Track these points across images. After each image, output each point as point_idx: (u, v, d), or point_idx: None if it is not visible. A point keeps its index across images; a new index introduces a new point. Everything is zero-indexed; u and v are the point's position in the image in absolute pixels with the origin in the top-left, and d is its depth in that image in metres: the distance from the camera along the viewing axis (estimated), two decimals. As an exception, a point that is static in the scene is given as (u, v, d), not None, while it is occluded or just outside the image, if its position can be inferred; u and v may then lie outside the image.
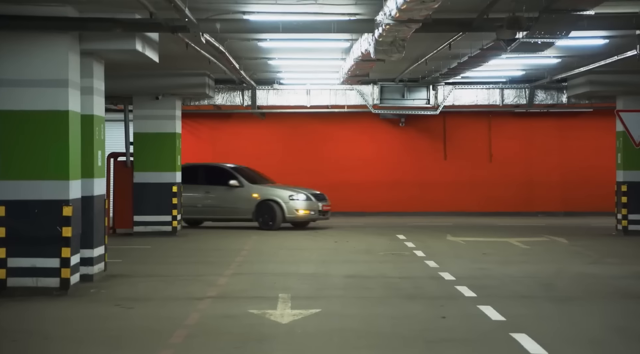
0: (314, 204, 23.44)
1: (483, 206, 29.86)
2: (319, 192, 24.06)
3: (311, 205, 23.39)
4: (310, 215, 23.47)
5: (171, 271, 15.36)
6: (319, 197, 23.79)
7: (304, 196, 23.39)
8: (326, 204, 23.84)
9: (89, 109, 14.01)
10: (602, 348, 9.20)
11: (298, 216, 23.33)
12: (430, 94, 25.10)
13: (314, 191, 23.97)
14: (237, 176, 23.98)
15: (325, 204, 23.77)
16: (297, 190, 23.71)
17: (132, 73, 20.89)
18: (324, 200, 23.89)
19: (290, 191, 23.53)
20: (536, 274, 14.91)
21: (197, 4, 12.45)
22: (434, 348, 9.20)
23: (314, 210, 23.39)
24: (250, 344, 9.36)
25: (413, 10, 10.42)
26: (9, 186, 12.73)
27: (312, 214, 23.47)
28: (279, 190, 23.60)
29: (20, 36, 12.62)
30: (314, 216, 23.54)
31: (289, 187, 24.14)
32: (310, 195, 23.46)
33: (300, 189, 23.87)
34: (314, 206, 23.42)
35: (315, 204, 23.44)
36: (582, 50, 18.36)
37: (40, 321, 10.87)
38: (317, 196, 23.74)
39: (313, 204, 23.43)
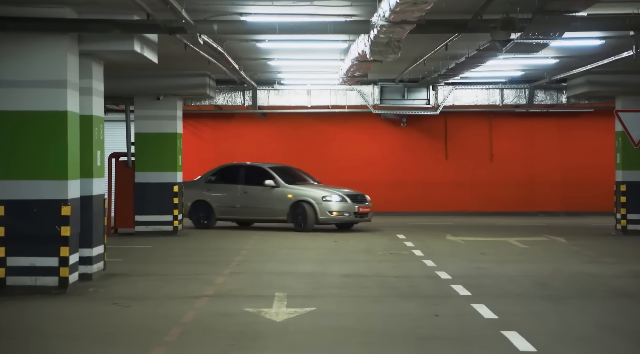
0: (348, 205, 22.65)
1: (484, 205, 29.94)
2: (358, 193, 23.37)
3: (345, 207, 22.63)
4: (343, 217, 22.72)
5: (170, 270, 15.48)
6: (357, 198, 23.02)
7: (338, 197, 22.65)
8: (364, 205, 23.04)
9: (88, 109, 14.15)
10: (591, 346, 9.30)
11: (331, 217, 22.63)
12: (430, 95, 25.22)
13: (354, 192, 23.32)
14: (274, 175, 23.44)
15: (363, 205, 22.97)
16: (333, 191, 23.06)
17: (133, 73, 21.03)
18: (363, 201, 23.11)
19: (326, 191, 22.92)
20: (532, 273, 15.01)
21: (194, 6, 12.58)
22: (424, 346, 9.32)
23: (349, 212, 22.64)
24: (243, 341, 9.49)
25: (406, 12, 10.53)
26: (8, 186, 12.88)
27: (346, 216, 22.70)
28: (314, 190, 22.99)
29: (20, 37, 12.76)
30: (349, 218, 22.79)
31: (329, 187, 23.56)
32: (346, 196, 22.73)
33: (339, 190, 23.22)
34: (348, 207, 22.64)
35: (349, 206, 22.65)
36: (580, 51, 18.46)
37: (38, 319, 11.00)
38: (354, 197, 22.98)
39: (347, 206, 22.65)
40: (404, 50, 17.56)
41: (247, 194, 23.67)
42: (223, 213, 24.01)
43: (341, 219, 22.74)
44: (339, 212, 22.52)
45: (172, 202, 22.28)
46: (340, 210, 22.51)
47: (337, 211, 22.50)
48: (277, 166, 24.49)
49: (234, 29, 13.62)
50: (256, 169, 24.27)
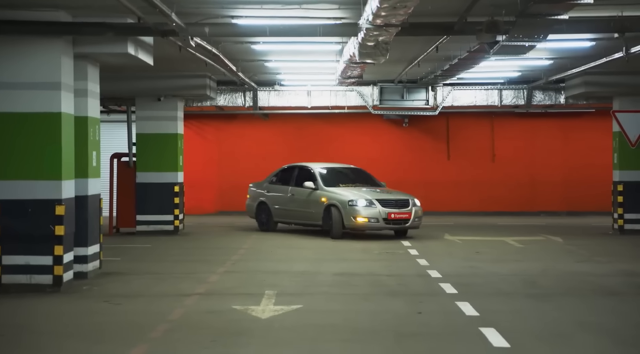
0: (374, 211, 20.63)
1: (486, 205, 30.09)
2: (400, 198, 21.28)
3: (371, 212, 20.63)
4: (369, 223, 20.73)
5: (166, 269, 15.72)
6: (391, 203, 20.93)
7: (364, 202, 20.67)
8: (401, 211, 20.92)
9: (84, 110, 14.39)
10: (565, 342, 9.51)
11: (356, 224, 20.75)
12: (430, 95, 25.43)
13: (396, 197, 21.27)
14: (316, 177, 21.99)
15: (398, 211, 20.87)
16: (366, 194, 21.17)
17: (134, 75, 21.30)
18: (401, 206, 21.01)
19: (360, 194, 21.09)
20: (522, 272, 15.20)
21: (186, 9, 12.82)
22: (402, 341, 9.54)
23: (375, 218, 20.60)
24: (226, 337, 9.73)
25: (388, 15, 10.75)
26: (3, 186, 13.15)
27: (371, 223, 20.68)
28: (346, 194, 21.15)
29: (14, 40, 13.02)
30: (375, 224, 20.76)
31: (372, 190, 21.67)
32: (375, 200, 20.72)
33: (381, 194, 21.35)
34: (374, 213, 20.62)
35: (376, 212, 20.61)
36: (572, 52, 18.63)
37: (30, 316, 11.25)
38: (390, 202, 20.92)
39: (373, 211, 20.62)
40: (399, 52, 17.93)
41: (294, 197, 22.55)
42: (278, 216, 23.11)
43: (365, 226, 20.81)
44: (365, 218, 20.60)
45: (172, 202, 22.54)
46: (366, 216, 20.60)
47: (362, 216, 20.61)
48: (333, 167, 23.15)
49: (225, 32, 13.85)
50: (304, 169, 22.97)
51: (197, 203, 29.62)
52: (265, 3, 12.74)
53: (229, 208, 30.03)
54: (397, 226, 21.13)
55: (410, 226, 21.26)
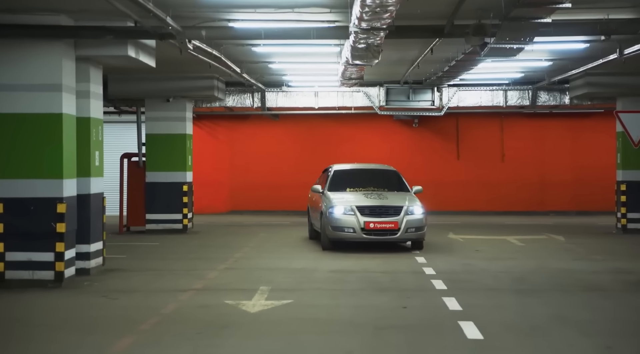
0: (350, 219, 18.09)
1: (495, 205, 30.33)
2: (379, 205, 18.41)
3: (347, 221, 18.10)
4: (345, 234, 18.17)
5: (168, 266, 16.12)
6: (372, 210, 18.24)
7: (341, 209, 18.18)
8: (379, 220, 18.11)
9: (86, 111, 14.82)
10: (536, 334, 9.84)
11: (332, 233, 18.37)
12: (435, 96, 25.73)
13: (382, 203, 18.50)
14: (328, 179, 19.92)
15: (376, 220, 18.10)
16: (355, 199, 18.61)
17: (143, 76, 21.74)
18: (382, 214, 18.22)
19: (344, 200, 18.57)
20: (515, 269, 15.50)
21: (183, 13, 13.23)
22: (379, 334, 9.90)
23: (351, 227, 18.06)
24: (211, 330, 10.12)
25: (372, 19, 11.11)
26: (6, 185, 13.61)
27: (347, 233, 18.12)
28: (335, 199, 18.68)
29: (17, 44, 13.47)
30: (351, 235, 18.12)
31: (373, 196, 18.91)
32: (355, 207, 18.15)
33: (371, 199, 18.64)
34: (350, 222, 18.07)
35: (352, 220, 18.07)
36: (570, 54, 18.89)
37: (28, 310, 11.69)
38: (367, 209, 18.23)
39: (349, 220, 18.09)
40: (399, 54, 18.28)
41: (312, 200, 20.85)
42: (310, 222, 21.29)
43: (344, 236, 18.24)
44: (342, 227, 18.15)
45: (181, 201, 22.98)
46: (342, 225, 18.14)
47: (338, 225, 18.18)
48: (356, 168, 20.82)
49: (222, 35, 14.24)
50: (327, 171, 21.14)
51: (209, 202, 30.06)
52: (258, 7, 13.12)
53: (241, 207, 30.44)
54: (380, 238, 18.15)
55: (400, 239, 18.27)
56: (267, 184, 30.11)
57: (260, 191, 30.21)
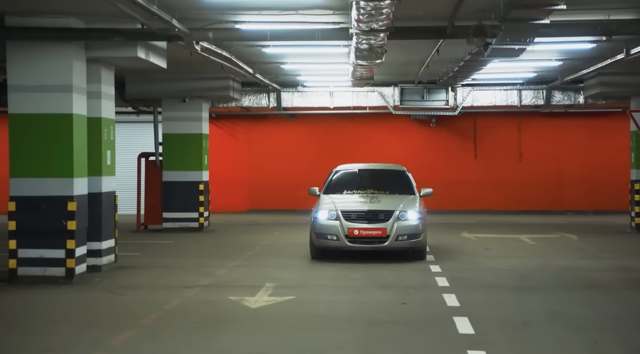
0: (334, 225, 16.40)
1: (513, 204, 30.40)
2: (366, 209, 16.58)
3: (330, 227, 16.43)
4: (328, 241, 16.52)
5: (179, 263, 16.41)
6: (359, 215, 16.50)
7: (326, 214, 16.55)
8: (366, 226, 16.38)
9: (97, 112, 15.15)
10: (524, 329, 10.06)
11: (315, 241, 16.82)
12: (450, 96, 25.90)
13: (372, 208, 16.64)
14: (326, 181, 18.31)
15: (361, 226, 16.37)
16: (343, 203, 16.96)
17: (160, 77, 22.07)
18: (369, 220, 16.44)
19: (330, 204, 16.82)
20: (520, 267, 15.66)
21: (189, 15, 13.48)
22: (372, 328, 10.13)
23: (335, 234, 16.38)
24: (210, 324, 10.39)
25: (369, 21, 11.32)
26: (19, 183, 13.97)
27: (331, 240, 16.46)
28: (325, 202, 17.03)
29: (29, 46, 13.82)
30: (335, 243, 16.44)
31: (367, 198, 17.15)
32: (340, 212, 16.46)
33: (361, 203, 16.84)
34: (333, 228, 16.38)
35: (335, 226, 16.38)
36: (578, 54, 18.99)
37: (34, 305, 12.01)
38: (353, 215, 16.51)
39: (333, 226, 16.40)
40: (408, 54, 18.46)
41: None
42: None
43: (328, 244, 16.59)
44: (325, 234, 16.52)
45: (197, 200, 23.30)
46: (325, 231, 16.50)
47: (321, 232, 16.59)
48: (361, 168, 18.97)
49: (229, 37, 14.51)
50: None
51: (228, 201, 30.36)
52: (263, 9, 13.36)
53: (259, 206, 30.70)
54: (366, 247, 16.40)
55: (389, 248, 16.41)
56: (285, 183, 30.34)
57: (278, 190, 30.47)
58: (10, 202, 13.94)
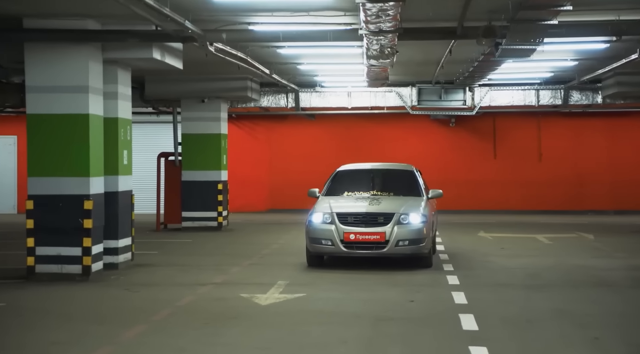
0: (328, 229, 15.24)
1: (533, 204, 30.42)
2: (364, 212, 15.33)
3: (325, 231, 15.27)
4: (322, 247, 15.38)
5: (194, 262, 16.63)
6: (355, 218, 15.27)
7: (320, 217, 15.41)
8: (363, 231, 15.14)
9: (114, 112, 15.39)
10: (527, 326, 10.18)
11: (310, 246, 15.67)
12: (467, 96, 26.01)
13: (370, 210, 15.41)
14: (326, 183, 17.31)
15: (358, 230, 15.13)
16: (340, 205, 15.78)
17: (179, 77, 22.32)
18: (367, 223, 15.21)
19: (325, 206, 15.73)
20: (532, 266, 15.77)
21: (202, 17, 13.68)
22: (377, 324, 10.30)
23: (329, 239, 15.20)
24: (219, 320, 10.59)
25: (377, 22, 11.48)
26: (36, 182, 14.24)
27: (325, 246, 15.30)
28: (321, 205, 15.94)
29: (46, 47, 14.08)
30: (329, 248, 15.29)
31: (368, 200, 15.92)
32: (335, 214, 15.32)
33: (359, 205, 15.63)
34: (328, 232, 15.23)
35: (330, 231, 15.23)
36: (593, 54, 19.06)
37: (51, 301, 12.25)
38: (349, 217, 15.29)
39: (327, 230, 15.24)
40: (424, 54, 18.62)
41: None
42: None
43: (323, 250, 15.50)
44: (319, 239, 15.39)
45: (216, 200, 23.56)
46: (319, 236, 15.38)
47: (315, 237, 15.46)
48: (365, 169, 17.72)
49: (242, 38, 14.72)
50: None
51: (249, 201, 30.60)
52: (275, 10, 13.55)
53: (279, 206, 30.90)
54: (363, 253, 15.20)
55: (388, 254, 15.17)
56: (305, 183, 30.26)
57: (298, 189, 30.51)
58: (28, 200, 14.22)
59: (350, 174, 17.43)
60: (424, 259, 15.58)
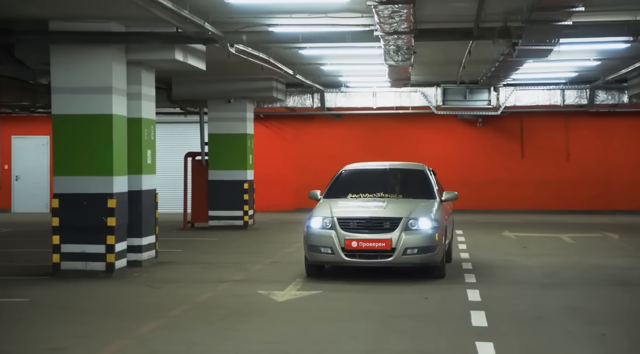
0: (328, 236, 13.88)
1: (561, 204, 30.38)
2: (368, 217, 13.98)
3: (324, 238, 13.92)
4: (322, 255, 13.98)
5: (217, 259, 16.92)
6: (359, 224, 13.88)
7: (320, 222, 14.12)
8: (367, 237, 13.69)
9: (138, 112, 15.70)
10: (537, 322, 10.32)
11: (309, 254, 14.29)
12: (492, 96, 26.10)
13: (375, 215, 14.07)
14: (329, 185, 15.86)
15: (361, 237, 13.69)
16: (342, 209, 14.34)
17: (205, 78, 22.60)
18: (371, 229, 13.78)
19: (325, 210, 14.36)
20: (551, 264, 15.88)
21: (222, 19, 13.93)
22: (388, 321, 10.50)
23: (329, 247, 13.83)
24: (234, 316, 10.84)
25: (391, 24, 11.67)
26: (62, 181, 14.58)
27: (325, 254, 13.89)
28: (320, 209, 14.57)
29: (71, 49, 14.41)
30: (329, 257, 13.89)
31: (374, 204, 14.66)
32: (336, 219, 13.93)
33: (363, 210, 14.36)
34: (327, 239, 13.87)
35: (329, 237, 13.85)
36: (615, 53, 19.11)
37: (74, 297, 12.56)
38: (352, 223, 13.90)
39: (326, 237, 13.88)
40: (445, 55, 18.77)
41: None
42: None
43: (322, 259, 14.11)
44: (317, 246, 14.04)
45: (242, 199, 23.84)
46: (317, 243, 14.04)
47: (313, 244, 14.11)
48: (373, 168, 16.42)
49: (262, 39, 14.98)
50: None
51: (276, 200, 30.85)
52: (293, 12, 13.77)
53: (306, 205, 30.95)
54: (367, 262, 13.82)
55: (395, 263, 13.76)
56: (332, 182, 30.66)
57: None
58: (54, 199, 14.56)
59: (356, 174, 15.99)
60: (435, 269, 14.07)
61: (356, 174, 15.98)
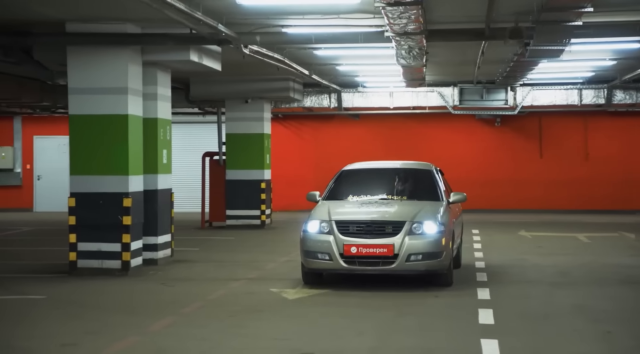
0: (325, 240, 12.95)
1: (579, 203, 30.34)
2: (368, 220, 12.97)
3: (321, 243, 12.98)
4: (318, 261, 13.00)
5: (232, 258, 17.09)
6: (358, 227, 12.88)
7: (317, 226, 13.15)
8: (367, 243, 12.73)
9: (153, 113, 15.90)
10: (543, 320, 10.43)
11: (305, 260, 13.30)
12: (509, 95, 26.15)
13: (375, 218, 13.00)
14: (329, 186, 14.90)
15: (361, 243, 12.75)
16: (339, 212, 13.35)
17: (223, 79, 22.77)
18: (372, 234, 12.79)
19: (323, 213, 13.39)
20: (564, 264, 15.94)
21: (236, 20, 14.09)
22: (396, 318, 10.65)
23: (326, 252, 12.87)
24: (244, 313, 11.01)
25: (400, 25, 11.79)
26: (78, 180, 14.83)
27: (322, 260, 12.92)
28: (318, 211, 13.61)
29: (88, 51, 14.65)
30: (327, 263, 12.92)
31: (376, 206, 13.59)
32: (334, 223, 12.98)
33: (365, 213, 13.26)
34: (325, 244, 12.92)
35: (327, 242, 12.91)
36: (630, 53, 19.13)
37: (89, 294, 12.76)
38: (351, 226, 12.92)
39: (324, 242, 12.95)
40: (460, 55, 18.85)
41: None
42: None
43: (319, 265, 13.08)
44: (314, 252, 13.06)
45: (259, 198, 24.02)
46: (314, 248, 13.06)
47: (310, 249, 13.13)
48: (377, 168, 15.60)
49: (275, 40, 15.12)
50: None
51: (294, 200, 30.92)
52: (306, 13, 13.93)
53: (325, 205, 31.19)
54: (369, 269, 12.84)
55: (398, 271, 12.80)
56: (350, 182, 30.77)
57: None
58: (70, 198, 14.79)
59: (358, 175, 15.02)
60: (441, 276, 13.11)
61: (357, 175, 15.04)
